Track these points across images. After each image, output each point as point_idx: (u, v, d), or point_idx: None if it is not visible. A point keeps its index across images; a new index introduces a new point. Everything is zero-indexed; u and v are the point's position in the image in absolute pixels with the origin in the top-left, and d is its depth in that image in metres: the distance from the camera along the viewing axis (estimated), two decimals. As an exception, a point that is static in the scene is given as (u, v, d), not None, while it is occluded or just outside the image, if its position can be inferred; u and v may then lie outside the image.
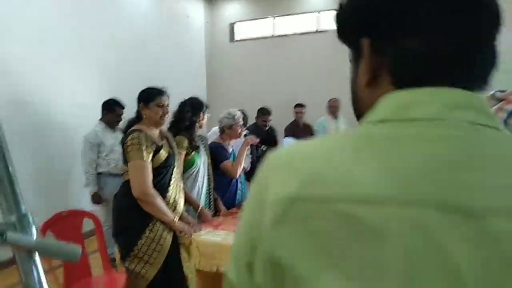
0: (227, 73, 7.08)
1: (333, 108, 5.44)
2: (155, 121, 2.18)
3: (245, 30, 7.14)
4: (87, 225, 2.69)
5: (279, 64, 6.68)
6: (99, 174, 3.61)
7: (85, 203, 3.67)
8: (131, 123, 2.21)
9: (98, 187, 3.59)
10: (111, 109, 3.69)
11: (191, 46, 6.85)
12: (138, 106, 2.20)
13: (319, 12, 6.50)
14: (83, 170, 3.63)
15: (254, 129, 4.20)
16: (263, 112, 4.53)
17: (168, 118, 2.33)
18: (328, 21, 6.48)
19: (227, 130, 3.05)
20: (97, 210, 3.38)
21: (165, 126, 2.36)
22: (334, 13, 0.54)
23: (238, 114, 3.05)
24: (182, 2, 6.47)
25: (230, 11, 7.10)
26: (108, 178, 3.60)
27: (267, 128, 4.52)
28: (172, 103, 2.73)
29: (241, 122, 3.07)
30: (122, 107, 3.72)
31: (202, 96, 7.17)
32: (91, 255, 2.78)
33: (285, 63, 6.66)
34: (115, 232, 2.17)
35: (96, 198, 3.56)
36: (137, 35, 5.34)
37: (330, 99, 5.50)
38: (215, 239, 2.22)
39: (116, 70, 4.85)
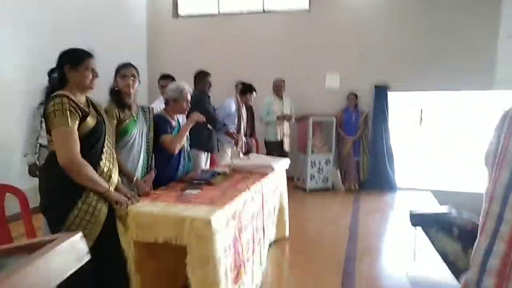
0: (169, 49, 6.82)
1: (277, 88, 5.50)
2: (84, 86, 2.00)
3: (190, 6, 6.91)
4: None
5: (224, 43, 6.58)
6: (41, 146, 3.33)
7: (14, 177, 3.40)
8: (55, 87, 1.99)
9: (37, 159, 3.32)
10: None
11: (132, 17, 6.49)
12: (61, 68, 1.98)
13: (265, -9, 6.46)
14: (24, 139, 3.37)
15: (202, 97, 3.97)
16: (205, 74, 4.21)
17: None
18: (274, 2, 6.47)
19: (172, 103, 2.93)
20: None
21: (92, 94, 2.18)
22: None
23: (187, 89, 2.94)
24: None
25: (174, -15, 6.81)
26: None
27: (209, 92, 4.20)
28: (110, 74, 2.59)
29: (188, 98, 2.96)
30: None
31: (142, 71, 6.90)
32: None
33: (230, 42, 6.57)
34: (43, 207, 1.99)
35: (33, 170, 3.28)
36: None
37: (275, 79, 5.55)
38: (153, 210, 2.15)
39: (52, 34, 4.49)
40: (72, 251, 0.59)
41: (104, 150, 2.06)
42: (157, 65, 6.67)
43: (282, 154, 5.34)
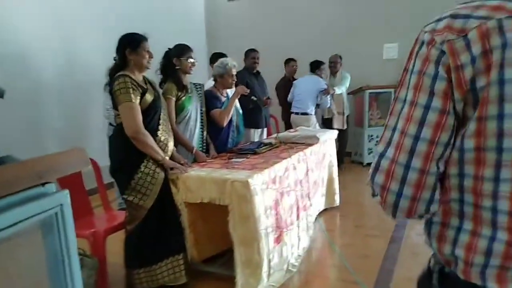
0: (226, 31, 7.08)
1: (331, 64, 5.44)
2: (142, 66, 2.30)
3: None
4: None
5: (278, 21, 6.64)
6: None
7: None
8: (117, 68, 2.30)
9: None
10: None
11: (190, 3, 6.87)
12: (121, 52, 2.29)
13: (317, -35, 6.35)
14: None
15: (243, 74, 4.09)
16: (250, 51, 4.34)
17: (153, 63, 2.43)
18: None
19: (218, 79, 3.13)
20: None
21: (148, 73, 2.46)
22: None
23: (230, 64, 3.10)
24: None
25: (228, -31, 7.00)
26: None
27: (257, 68, 4.33)
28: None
29: (233, 72, 3.13)
30: None
31: (203, 55, 7.26)
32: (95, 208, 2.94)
33: (284, 20, 6.61)
34: (113, 170, 2.36)
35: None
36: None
37: (331, 56, 5.49)
38: (200, 174, 2.40)
39: (116, 26, 4.96)
40: (76, 157, 0.76)
41: (160, 122, 2.36)
42: (215, 46, 6.98)
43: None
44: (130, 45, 2.28)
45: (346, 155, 5.78)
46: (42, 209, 0.65)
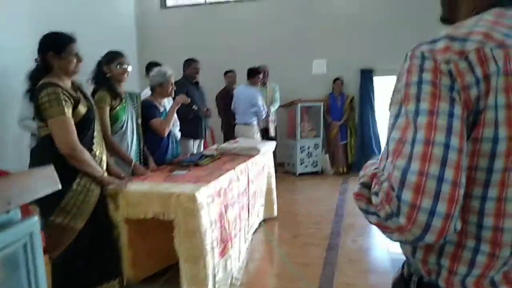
0: (159, 39, 6.89)
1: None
2: (68, 71, 2.02)
3: (177, -4, 6.96)
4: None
5: (212, 31, 6.64)
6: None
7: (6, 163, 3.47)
8: (39, 72, 2.01)
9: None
10: None
11: (119, 9, 6.54)
12: (44, 55, 1.99)
13: (252, -20, 6.52)
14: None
15: (183, 83, 4.04)
16: (191, 60, 4.30)
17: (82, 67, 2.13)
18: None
19: (158, 88, 3.02)
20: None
21: (77, 77, 2.17)
22: None
23: (169, 72, 3.02)
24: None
25: (161, -25, 6.85)
26: None
27: (196, 79, 4.31)
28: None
29: (172, 81, 3.04)
30: None
31: (133, 63, 6.91)
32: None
33: (218, 30, 6.63)
34: None
35: None
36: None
37: (259, 66, 5.61)
38: (142, 188, 2.27)
39: (37, 26, 4.52)
40: (45, 177, 0.66)
41: (95, 135, 2.15)
42: (147, 55, 6.73)
43: (268, 139, 5.45)
44: (54, 48, 1.98)
45: (279, 165, 5.94)
46: (9, 240, 0.56)
